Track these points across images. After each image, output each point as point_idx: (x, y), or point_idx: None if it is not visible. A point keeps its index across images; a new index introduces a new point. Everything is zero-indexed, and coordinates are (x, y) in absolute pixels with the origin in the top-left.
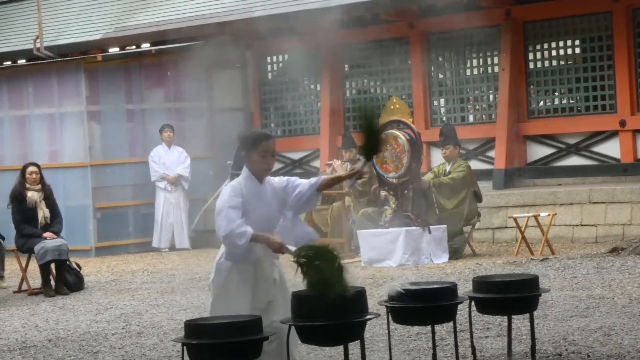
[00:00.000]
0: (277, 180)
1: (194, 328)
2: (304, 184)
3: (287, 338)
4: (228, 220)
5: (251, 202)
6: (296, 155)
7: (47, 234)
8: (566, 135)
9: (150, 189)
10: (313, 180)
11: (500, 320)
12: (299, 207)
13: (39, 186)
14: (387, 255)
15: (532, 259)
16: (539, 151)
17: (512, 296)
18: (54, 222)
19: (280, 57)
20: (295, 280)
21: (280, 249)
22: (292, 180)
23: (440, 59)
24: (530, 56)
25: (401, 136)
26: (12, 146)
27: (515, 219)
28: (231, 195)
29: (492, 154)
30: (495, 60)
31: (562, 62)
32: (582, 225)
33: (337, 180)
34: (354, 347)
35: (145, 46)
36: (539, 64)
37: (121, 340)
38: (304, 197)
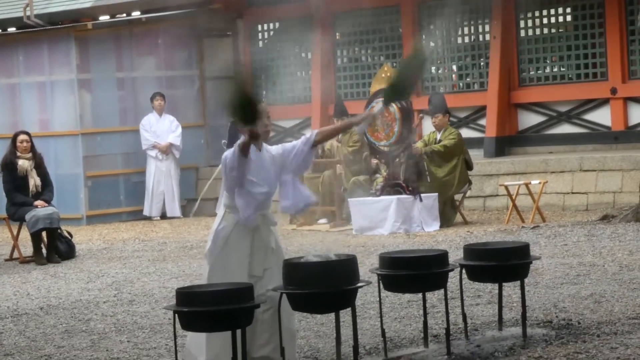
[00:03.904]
0: (274, 148)
1: (185, 296)
2: (299, 141)
3: (279, 306)
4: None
5: (251, 169)
6: (287, 124)
7: (38, 203)
8: (557, 103)
9: (141, 158)
10: (308, 134)
11: (491, 287)
12: (297, 167)
13: (30, 154)
14: (378, 224)
15: (523, 227)
16: (530, 119)
17: (503, 264)
18: (45, 191)
19: (272, 25)
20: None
21: (254, 133)
22: (288, 144)
23: (432, 26)
24: (522, 24)
25: (392, 104)
26: (3, 114)
27: (506, 187)
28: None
29: (483, 122)
30: (487, 28)
31: (553, 30)
32: (573, 193)
33: (334, 132)
34: (345, 315)
35: (136, 14)
36: (530, 32)
37: (113, 308)
38: (301, 155)
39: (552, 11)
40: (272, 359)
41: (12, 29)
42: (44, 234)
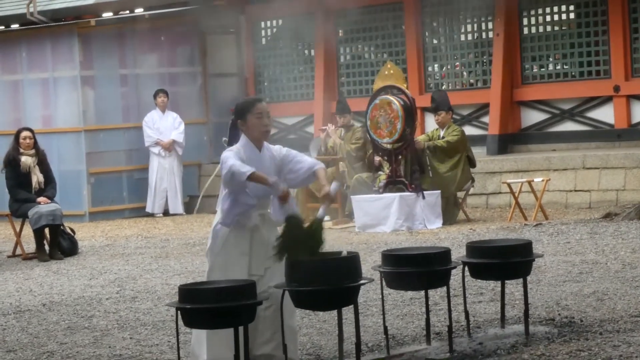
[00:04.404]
0: (276, 148)
1: (188, 293)
2: (303, 164)
3: (281, 303)
4: (232, 162)
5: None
6: (290, 121)
7: (41, 199)
8: (560, 101)
9: (144, 154)
10: (313, 164)
11: (494, 285)
12: (288, 182)
13: (33, 151)
14: (381, 221)
15: (525, 225)
16: (533, 117)
17: (506, 261)
18: (48, 187)
19: (275, 22)
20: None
21: (286, 195)
22: (293, 154)
23: (435, 24)
24: (525, 21)
25: (395, 102)
26: (6, 111)
27: (509, 185)
28: (233, 153)
29: (486, 119)
30: (490, 25)
31: (556, 28)
32: (575, 190)
33: (320, 187)
34: (348, 312)
35: (139, 11)
36: (533, 30)
37: (115, 304)
38: (299, 177)
39: (555, 9)
40: (274, 356)
41: (15, 26)
42: (46, 230)
